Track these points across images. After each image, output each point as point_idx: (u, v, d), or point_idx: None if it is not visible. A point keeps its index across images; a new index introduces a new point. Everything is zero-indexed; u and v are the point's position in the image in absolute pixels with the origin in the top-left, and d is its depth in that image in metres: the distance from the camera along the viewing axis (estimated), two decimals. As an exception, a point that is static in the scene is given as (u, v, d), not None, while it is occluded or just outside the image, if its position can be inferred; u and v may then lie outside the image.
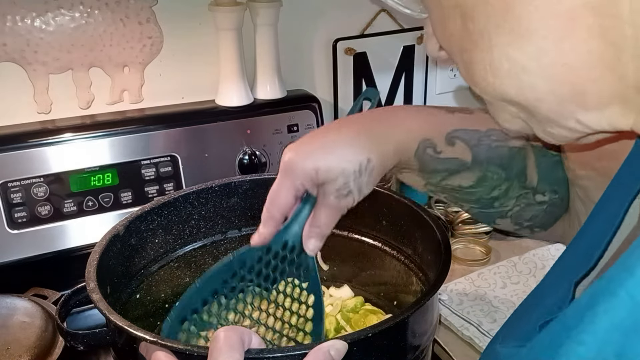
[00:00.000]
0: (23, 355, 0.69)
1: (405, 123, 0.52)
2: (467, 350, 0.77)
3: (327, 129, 0.51)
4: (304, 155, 0.48)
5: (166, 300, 0.76)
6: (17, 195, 0.85)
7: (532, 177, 0.55)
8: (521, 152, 0.54)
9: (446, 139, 0.52)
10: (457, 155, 0.53)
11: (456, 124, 0.53)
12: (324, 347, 0.44)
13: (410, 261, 0.72)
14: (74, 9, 0.91)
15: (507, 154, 0.54)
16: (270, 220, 0.52)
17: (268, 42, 1.01)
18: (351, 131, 0.49)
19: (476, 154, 0.53)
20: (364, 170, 0.48)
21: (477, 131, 0.53)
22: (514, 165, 0.54)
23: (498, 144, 0.53)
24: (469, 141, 0.53)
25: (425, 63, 1.24)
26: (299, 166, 0.48)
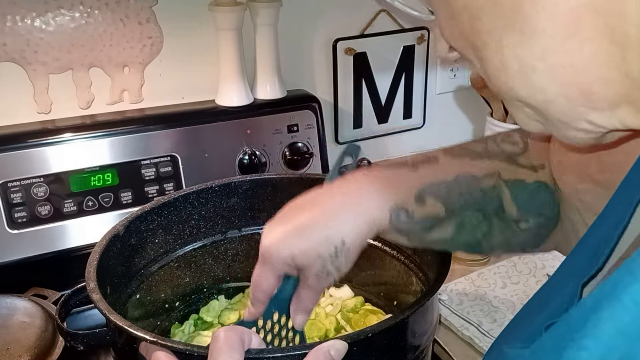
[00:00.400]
0: (23, 355, 0.69)
1: (373, 198, 0.51)
2: (467, 350, 0.77)
3: (301, 208, 0.51)
4: (280, 243, 0.49)
5: (166, 300, 0.76)
6: (17, 195, 0.85)
7: (511, 210, 0.54)
8: (495, 190, 0.53)
9: (416, 200, 0.52)
10: (430, 212, 0.52)
11: (422, 181, 0.52)
12: (324, 347, 0.44)
13: (410, 261, 0.72)
14: (74, 9, 0.91)
15: (480, 195, 0.53)
16: (258, 302, 0.54)
17: (268, 42, 1.01)
18: (323, 215, 0.50)
19: (448, 205, 0.52)
20: (340, 252, 0.49)
21: (444, 182, 0.52)
22: (490, 205, 0.53)
23: (469, 189, 0.53)
24: (438, 194, 0.52)
25: (425, 63, 1.24)
26: (275, 254, 0.50)
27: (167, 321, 0.76)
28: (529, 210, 0.54)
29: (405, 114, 1.27)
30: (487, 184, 0.53)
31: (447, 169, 0.54)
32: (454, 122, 1.36)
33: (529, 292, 0.86)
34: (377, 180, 0.52)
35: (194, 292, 0.79)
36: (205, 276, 0.80)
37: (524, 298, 0.85)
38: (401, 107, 1.25)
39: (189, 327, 0.76)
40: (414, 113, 1.27)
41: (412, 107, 1.27)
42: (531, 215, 0.54)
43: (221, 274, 0.81)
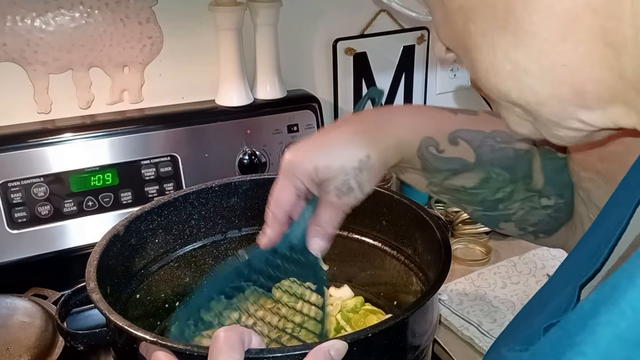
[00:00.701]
0: (23, 355, 0.69)
1: (407, 120, 0.51)
2: (467, 350, 0.77)
3: (327, 129, 0.51)
4: (303, 155, 0.48)
5: (166, 300, 0.76)
6: (17, 195, 0.85)
7: (538, 180, 0.54)
8: (527, 155, 0.54)
9: (449, 138, 0.52)
10: (460, 155, 0.52)
11: (459, 124, 0.53)
12: (324, 347, 0.44)
13: (410, 261, 0.72)
14: (74, 9, 0.91)
15: (512, 155, 0.53)
16: (274, 221, 0.52)
17: (268, 42, 1.01)
18: (350, 129, 0.49)
19: (480, 154, 0.52)
20: (364, 166, 0.48)
21: (480, 132, 0.53)
22: (519, 168, 0.53)
23: (503, 145, 0.53)
24: (472, 141, 0.52)
25: (425, 63, 1.24)
26: (298, 165, 0.48)
27: (167, 321, 0.76)
28: (553, 185, 0.53)
29: (405, 114, 1.27)
30: (522, 147, 0.53)
31: (486, 122, 0.54)
32: (454, 122, 1.36)
33: (529, 292, 0.86)
34: (415, 109, 0.54)
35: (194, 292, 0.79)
36: (205, 276, 0.79)
37: (524, 298, 0.85)
38: (401, 107, 1.25)
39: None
40: (414, 113, 1.27)
41: (412, 107, 1.27)
42: (553, 193, 0.54)
43: (221, 274, 0.81)
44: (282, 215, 0.52)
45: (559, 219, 0.55)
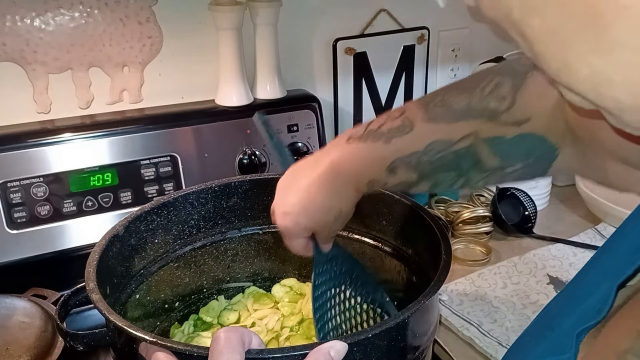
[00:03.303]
0: (22, 355, 0.68)
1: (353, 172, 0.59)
2: (467, 350, 0.77)
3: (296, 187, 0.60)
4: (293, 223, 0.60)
5: (166, 300, 0.76)
6: (17, 195, 0.85)
7: (492, 162, 0.55)
8: (469, 150, 0.55)
9: (388, 172, 0.57)
10: (402, 179, 0.58)
11: (393, 155, 0.57)
12: (324, 347, 0.44)
13: (410, 261, 0.72)
14: (73, 9, 0.91)
15: (453, 158, 0.55)
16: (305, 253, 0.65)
17: (268, 42, 1.01)
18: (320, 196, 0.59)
19: (419, 171, 0.57)
20: (339, 217, 0.60)
21: (413, 154, 0.56)
22: (464, 163, 0.55)
23: (441, 154, 0.55)
24: (408, 165, 0.56)
25: (426, 63, 1.24)
26: (294, 230, 0.61)
27: (167, 321, 0.76)
28: (513, 157, 0.55)
29: (405, 114, 1.26)
30: (461, 146, 0.55)
31: (420, 138, 0.56)
32: (454, 122, 1.36)
33: (529, 292, 0.86)
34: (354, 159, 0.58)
35: (193, 292, 0.79)
36: (205, 276, 0.79)
37: (524, 298, 0.85)
38: (401, 107, 1.25)
39: (189, 327, 0.76)
40: (414, 113, 1.27)
41: (412, 107, 1.26)
42: (516, 160, 0.55)
43: (221, 274, 0.81)
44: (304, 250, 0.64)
45: (539, 166, 0.56)
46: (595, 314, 0.33)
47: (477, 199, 1.11)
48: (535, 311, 0.82)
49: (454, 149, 0.55)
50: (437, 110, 0.56)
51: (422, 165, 0.56)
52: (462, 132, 0.54)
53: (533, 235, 1.04)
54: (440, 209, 1.09)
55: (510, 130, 0.53)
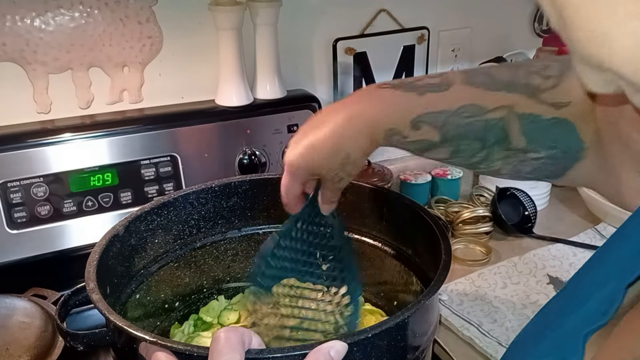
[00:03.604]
0: (23, 355, 0.69)
1: (372, 116, 0.56)
2: (467, 350, 0.77)
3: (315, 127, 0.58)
4: (300, 157, 0.58)
5: (166, 300, 0.76)
6: (17, 195, 0.85)
7: (518, 141, 0.53)
8: (500, 123, 0.53)
9: (411, 125, 0.55)
10: (424, 137, 0.55)
11: (422, 108, 0.54)
12: (324, 347, 0.44)
13: (410, 261, 0.72)
14: (73, 9, 0.91)
15: (482, 126, 0.53)
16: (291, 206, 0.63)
17: (268, 42, 1.01)
18: (331, 133, 0.57)
19: (444, 133, 0.55)
20: (346, 162, 0.57)
21: (444, 111, 0.54)
22: (491, 135, 0.54)
23: (471, 119, 0.53)
24: (434, 123, 0.54)
25: (426, 63, 1.24)
26: (297, 166, 0.59)
27: (167, 321, 0.76)
28: (540, 142, 0.53)
29: (405, 114, 1.27)
30: (494, 116, 0.53)
31: (454, 98, 0.54)
32: (454, 122, 1.36)
33: (529, 292, 0.86)
34: (380, 102, 0.56)
35: (193, 292, 0.79)
36: (205, 276, 0.79)
37: (524, 298, 0.85)
38: (401, 107, 1.25)
39: (189, 327, 0.76)
40: (414, 113, 1.27)
41: (412, 107, 1.27)
42: (542, 147, 0.53)
43: (221, 274, 0.81)
44: (295, 200, 0.63)
45: (560, 164, 0.54)
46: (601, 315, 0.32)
47: (477, 199, 1.12)
48: (535, 311, 0.82)
49: (485, 117, 0.53)
50: (479, 77, 0.55)
51: (449, 127, 0.54)
52: (498, 102, 0.53)
53: (533, 235, 1.04)
54: (440, 209, 1.09)
55: (548, 110, 0.52)
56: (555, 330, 0.36)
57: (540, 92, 0.52)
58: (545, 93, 0.52)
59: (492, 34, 1.31)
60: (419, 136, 0.55)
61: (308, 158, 0.58)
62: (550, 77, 0.52)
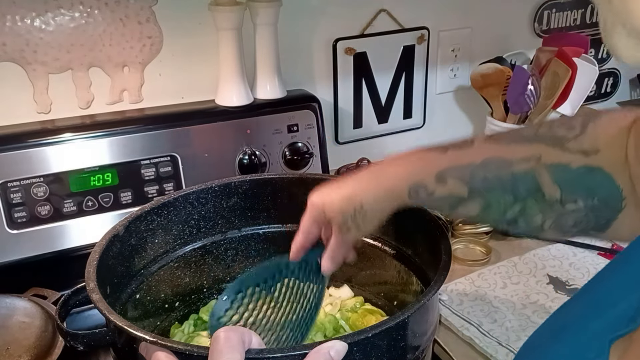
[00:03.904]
0: (23, 355, 0.69)
1: (394, 170, 0.57)
2: (467, 350, 0.77)
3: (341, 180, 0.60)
4: (318, 194, 0.61)
5: (166, 300, 0.76)
6: (17, 195, 0.85)
7: (552, 192, 0.52)
8: (529, 174, 0.52)
9: (436, 179, 0.54)
10: (451, 191, 0.54)
11: (447, 163, 0.54)
12: (324, 347, 0.44)
13: (410, 261, 0.72)
14: (73, 9, 0.91)
15: (510, 178, 0.52)
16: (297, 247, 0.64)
17: (268, 42, 1.01)
18: (353, 180, 0.59)
19: (472, 186, 0.53)
20: (358, 213, 0.57)
21: (469, 165, 0.53)
22: (522, 187, 0.52)
23: (497, 172, 0.52)
24: (460, 177, 0.54)
25: (426, 63, 1.24)
26: (315, 204, 0.60)
27: (167, 321, 0.76)
28: (575, 191, 0.51)
29: (405, 114, 1.27)
30: (521, 168, 0.52)
31: (478, 153, 0.54)
32: (454, 122, 1.36)
33: (529, 292, 0.86)
34: (406, 159, 0.57)
35: (194, 292, 0.79)
36: (205, 276, 0.79)
37: (524, 298, 0.85)
38: (401, 107, 1.25)
39: (189, 327, 0.76)
40: (414, 113, 1.27)
41: (412, 107, 1.27)
42: (579, 197, 0.51)
43: (221, 274, 0.81)
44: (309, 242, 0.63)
45: (604, 216, 0.52)
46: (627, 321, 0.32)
47: (477, 199, 1.11)
48: (535, 311, 0.82)
49: (512, 170, 0.52)
50: (501, 135, 0.55)
51: (475, 180, 0.53)
52: (523, 154, 0.52)
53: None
54: (440, 209, 1.09)
55: (577, 159, 0.51)
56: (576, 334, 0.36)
57: (565, 141, 0.51)
58: (570, 142, 0.51)
59: (492, 34, 1.31)
60: (446, 191, 0.54)
61: (326, 198, 0.60)
62: (574, 127, 0.52)
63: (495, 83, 1.16)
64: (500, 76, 1.16)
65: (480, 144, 0.55)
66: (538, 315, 0.81)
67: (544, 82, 1.11)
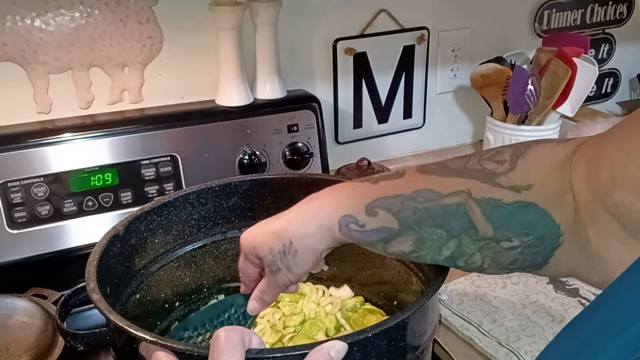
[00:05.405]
0: (23, 355, 0.69)
1: (325, 204, 0.54)
2: (467, 350, 0.77)
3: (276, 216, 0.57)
4: (248, 235, 0.58)
5: (166, 300, 0.76)
6: (17, 195, 0.85)
7: (485, 229, 0.50)
8: (460, 208, 0.50)
9: (366, 211, 0.52)
10: (382, 224, 0.52)
11: (377, 194, 0.52)
12: (324, 347, 0.44)
13: (410, 261, 0.72)
14: (73, 9, 0.91)
15: (441, 212, 0.51)
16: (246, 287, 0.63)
17: (268, 42, 1.01)
18: (284, 217, 0.56)
19: (402, 218, 0.52)
20: (288, 252, 0.54)
21: (398, 196, 0.52)
22: (454, 223, 0.51)
23: (427, 204, 0.51)
24: (390, 208, 0.52)
25: (426, 63, 1.24)
26: (244, 243, 0.58)
27: (167, 321, 0.76)
28: (509, 229, 0.50)
29: (405, 114, 1.27)
30: (450, 201, 0.50)
31: (408, 184, 0.52)
32: (454, 122, 1.36)
33: (529, 292, 0.86)
34: (338, 191, 0.55)
35: (194, 292, 0.79)
36: (205, 276, 0.79)
37: (524, 298, 0.85)
38: (401, 107, 1.25)
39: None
40: (414, 113, 1.28)
41: (412, 107, 1.27)
42: (513, 235, 0.50)
43: (221, 274, 0.81)
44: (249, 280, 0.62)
45: (540, 253, 0.50)
46: None
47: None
48: (535, 311, 0.82)
49: (442, 203, 0.50)
50: (431, 167, 0.54)
51: (406, 212, 0.51)
52: (453, 187, 0.50)
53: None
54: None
55: (508, 195, 0.49)
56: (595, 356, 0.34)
57: (494, 176, 0.50)
58: (500, 177, 0.50)
59: (492, 34, 1.31)
60: (377, 223, 0.52)
61: (253, 235, 0.57)
62: (504, 162, 0.50)
63: (495, 83, 1.16)
64: (500, 76, 1.16)
65: (411, 176, 0.53)
66: (538, 315, 0.81)
67: (543, 82, 1.11)
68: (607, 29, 1.48)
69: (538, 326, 0.79)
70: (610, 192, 0.44)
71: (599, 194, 0.45)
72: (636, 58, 1.57)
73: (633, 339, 0.32)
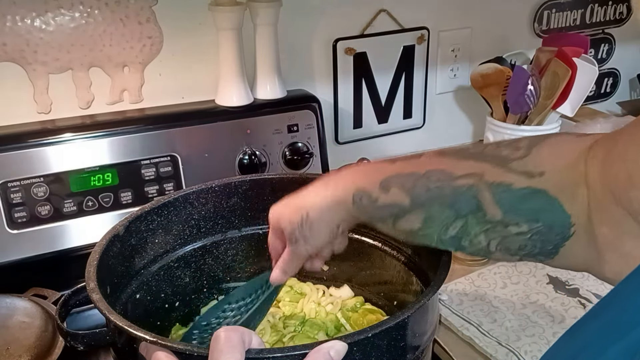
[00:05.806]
0: (23, 355, 0.69)
1: (342, 180, 0.58)
2: (467, 350, 0.77)
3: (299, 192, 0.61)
4: (273, 209, 0.62)
5: (166, 300, 0.76)
6: (17, 195, 0.85)
7: (494, 212, 0.51)
8: (470, 190, 0.51)
9: (380, 186, 0.55)
10: (394, 200, 0.54)
11: (392, 171, 0.55)
12: (324, 347, 0.45)
13: (410, 261, 0.72)
14: (73, 9, 0.91)
15: (451, 193, 0.52)
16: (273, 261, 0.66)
17: (268, 42, 1.01)
18: (303, 193, 0.60)
19: (414, 196, 0.53)
20: (305, 223, 0.58)
21: (412, 174, 0.54)
22: (463, 204, 0.52)
23: (439, 184, 0.52)
24: (403, 185, 0.54)
25: (426, 63, 1.24)
26: (271, 218, 0.62)
27: (167, 321, 0.76)
28: (518, 214, 0.50)
29: (405, 114, 1.27)
30: (462, 183, 0.52)
31: (423, 164, 0.54)
32: (454, 122, 1.36)
33: (529, 292, 0.86)
34: (353, 170, 0.58)
35: (194, 292, 0.79)
36: (205, 276, 0.80)
37: (524, 298, 0.85)
38: (401, 107, 1.25)
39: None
40: (414, 113, 1.28)
41: (412, 107, 1.27)
42: (521, 220, 0.50)
43: (221, 274, 0.81)
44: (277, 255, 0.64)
45: (550, 241, 0.51)
46: None
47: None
48: (535, 311, 0.82)
49: (454, 184, 0.52)
50: (449, 150, 0.56)
51: (418, 190, 0.53)
52: (466, 170, 0.52)
53: (533, 235, 1.04)
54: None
55: (519, 179, 0.50)
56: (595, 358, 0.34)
57: (508, 161, 0.51)
58: (514, 162, 0.50)
59: (492, 34, 1.31)
60: (389, 199, 0.54)
61: (279, 210, 0.61)
62: (520, 148, 0.51)
63: (495, 83, 1.16)
64: (500, 76, 1.16)
65: (427, 158, 0.55)
66: (538, 315, 0.81)
67: (543, 82, 1.11)
68: (607, 29, 1.48)
69: (538, 326, 0.79)
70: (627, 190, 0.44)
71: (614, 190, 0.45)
72: (636, 58, 1.57)
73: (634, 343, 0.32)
